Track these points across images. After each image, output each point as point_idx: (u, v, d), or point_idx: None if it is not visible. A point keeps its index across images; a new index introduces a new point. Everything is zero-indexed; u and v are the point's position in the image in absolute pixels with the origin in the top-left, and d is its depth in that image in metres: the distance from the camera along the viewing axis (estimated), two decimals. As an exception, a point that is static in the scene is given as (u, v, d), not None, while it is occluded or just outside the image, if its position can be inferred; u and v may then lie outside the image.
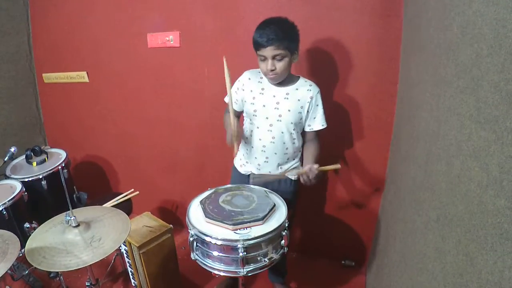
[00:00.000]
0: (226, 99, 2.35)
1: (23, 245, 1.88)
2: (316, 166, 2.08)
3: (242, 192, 2.11)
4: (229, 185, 2.21)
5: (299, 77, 2.28)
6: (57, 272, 2.66)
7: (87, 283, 2.23)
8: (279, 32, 2.01)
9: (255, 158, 2.34)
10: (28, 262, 1.73)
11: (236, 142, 2.16)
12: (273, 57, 2.05)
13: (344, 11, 2.48)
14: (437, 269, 1.18)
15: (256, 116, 2.25)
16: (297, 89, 2.22)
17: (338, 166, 2.18)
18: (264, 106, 2.22)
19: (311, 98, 2.22)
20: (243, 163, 2.46)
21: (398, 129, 2.39)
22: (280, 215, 1.90)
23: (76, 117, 3.98)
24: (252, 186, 2.19)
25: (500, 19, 0.86)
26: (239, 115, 2.42)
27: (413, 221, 1.59)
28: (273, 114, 2.21)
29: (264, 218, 1.82)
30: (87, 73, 3.66)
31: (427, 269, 1.29)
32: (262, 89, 2.24)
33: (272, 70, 2.08)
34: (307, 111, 2.25)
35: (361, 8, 2.43)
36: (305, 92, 2.22)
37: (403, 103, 2.24)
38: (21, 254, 1.99)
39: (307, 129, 2.32)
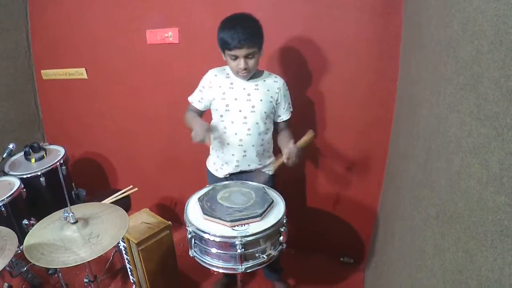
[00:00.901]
0: (190, 98, 2.47)
1: (21, 242, 1.88)
2: (291, 141, 2.11)
3: (240, 188, 2.10)
4: (227, 182, 2.21)
5: (263, 71, 2.33)
6: (56, 268, 2.66)
7: (85, 280, 2.22)
8: (250, 32, 2.04)
9: (232, 155, 2.34)
10: (27, 259, 1.72)
11: (207, 135, 2.14)
12: (246, 56, 2.07)
13: (344, 9, 2.47)
14: (436, 266, 1.18)
15: (229, 110, 2.26)
16: (264, 80, 2.28)
17: (312, 133, 2.18)
18: (236, 99, 2.24)
19: (279, 89, 2.29)
20: (218, 167, 2.46)
21: (397, 127, 2.39)
22: (278, 211, 1.90)
23: (75, 114, 3.97)
24: (250, 182, 2.19)
25: (501, 16, 0.85)
26: (201, 115, 2.44)
27: (412, 218, 1.58)
28: (246, 106, 2.23)
29: (262, 215, 1.81)
30: (85, 69, 3.65)
31: (426, 266, 1.29)
32: (231, 83, 2.26)
33: (245, 69, 2.11)
34: (277, 102, 2.31)
35: (361, 6, 2.43)
36: (272, 83, 2.28)
37: (403, 100, 2.24)
38: (19, 251, 1.99)
39: (278, 120, 2.37)
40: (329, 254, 3.25)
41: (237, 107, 2.23)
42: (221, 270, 1.81)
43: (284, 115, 2.36)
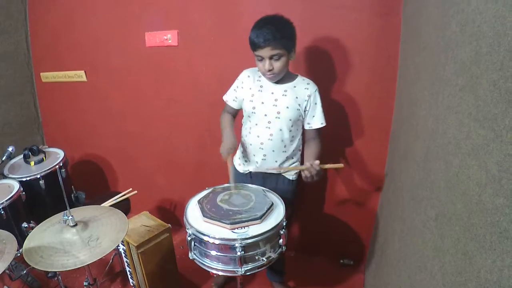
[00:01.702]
0: (225, 97, 2.43)
1: (21, 245, 1.88)
2: (317, 162, 2.05)
3: (240, 191, 2.10)
4: (227, 184, 2.20)
5: (297, 75, 2.29)
6: (55, 271, 2.66)
7: (85, 283, 2.22)
8: (275, 32, 2.00)
9: (253, 155, 2.34)
10: (26, 262, 1.72)
11: (230, 155, 2.19)
12: (271, 57, 2.05)
13: (343, 9, 2.47)
14: (436, 267, 1.18)
15: (254, 113, 2.25)
16: (295, 86, 2.23)
17: (341, 165, 2.18)
18: (262, 103, 2.22)
19: (309, 96, 2.22)
20: (241, 162, 2.46)
21: (396, 127, 2.39)
22: (278, 214, 1.90)
23: (74, 116, 3.97)
24: (250, 185, 2.19)
25: (499, 17, 0.85)
26: (236, 114, 2.46)
27: (412, 220, 1.58)
28: (271, 111, 2.21)
29: (262, 217, 1.81)
30: (85, 72, 3.65)
31: (426, 267, 1.28)
32: (261, 86, 2.25)
33: (270, 70, 2.09)
34: (305, 109, 2.26)
35: (360, 6, 2.43)
36: (302, 90, 2.23)
37: (402, 101, 2.24)
38: (19, 254, 1.98)
39: (306, 127, 2.32)
40: (329, 256, 3.25)
41: (263, 111, 2.23)
42: (220, 273, 1.80)
43: (313, 123, 2.29)
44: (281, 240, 1.83)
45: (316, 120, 2.29)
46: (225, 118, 2.41)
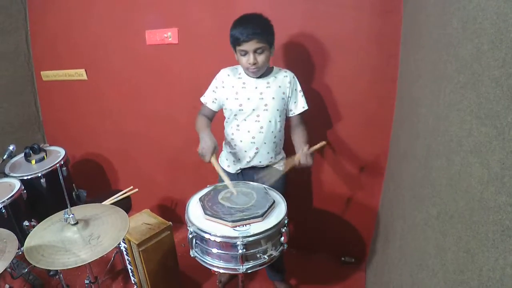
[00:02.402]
0: (203, 99, 2.44)
1: (22, 243, 1.88)
2: (307, 147, 2.15)
3: (242, 189, 2.10)
4: (224, 183, 2.20)
5: (273, 67, 2.35)
6: (57, 270, 2.66)
7: (86, 281, 2.22)
8: (259, 27, 2.09)
9: (245, 151, 2.36)
10: (27, 260, 1.72)
11: (214, 157, 2.16)
12: (255, 51, 2.10)
13: (343, 8, 2.47)
14: (437, 266, 1.18)
15: (242, 110, 2.27)
16: (275, 77, 2.30)
17: (324, 143, 2.22)
18: (248, 99, 2.25)
19: (289, 83, 2.30)
20: (230, 163, 2.48)
21: (397, 126, 2.39)
22: (280, 211, 1.89)
23: (75, 115, 3.97)
24: (251, 182, 2.19)
25: (501, 14, 0.85)
26: (213, 116, 2.45)
27: (413, 218, 1.58)
28: (259, 104, 2.25)
29: (263, 215, 1.81)
30: (85, 70, 3.65)
31: (428, 265, 1.28)
32: (243, 83, 2.28)
33: (254, 64, 2.13)
34: (289, 97, 2.33)
35: (360, 4, 2.43)
36: (282, 78, 2.30)
37: (403, 99, 2.23)
38: (20, 252, 1.98)
39: (290, 114, 2.38)
40: (330, 254, 3.25)
41: (250, 106, 2.25)
42: (222, 271, 1.80)
43: (296, 109, 2.36)
44: (282, 238, 1.83)
45: (299, 105, 2.37)
46: (201, 120, 2.38)
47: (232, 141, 2.39)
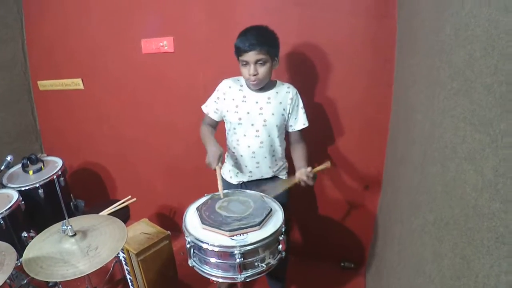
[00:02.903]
0: (205, 109, 2.43)
1: (21, 254, 1.88)
2: (309, 169, 2.13)
3: (239, 197, 2.10)
4: (225, 191, 2.20)
5: (276, 81, 2.32)
6: (56, 281, 2.65)
7: (85, 292, 2.22)
8: (261, 38, 2.08)
9: (245, 166, 2.36)
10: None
11: (218, 165, 2.15)
12: (256, 62, 2.09)
13: (338, 13, 2.48)
14: (434, 271, 1.18)
15: (241, 124, 2.26)
16: (277, 92, 2.27)
17: (328, 164, 2.20)
18: (248, 113, 2.24)
19: (291, 99, 2.28)
20: (232, 174, 2.47)
21: (394, 131, 2.39)
22: (277, 220, 1.89)
23: (73, 124, 3.97)
24: (248, 191, 2.19)
25: (493, 20, 0.85)
26: (216, 125, 2.45)
27: (411, 223, 1.58)
28: (258, 119, 2.23)
29: (260, 224, 1.81)
30: (82, 80, 3.65)
31: (425, 271, 1.28)
32: (244, 96, 2.26)
33: (254, 75, 2.11)
34: (289, 113, 2.30)
35: (355, 9, 2.44)
36: (284, 94, 2.27)
37: (399, 105, 2.24)
38: (19, 264, 1.98)
39: (290, 130, 2.36)
40: (329, 259, 3.24)
41: (250, 121, 2.24)
42: (220, 280, 1.80)
43: (296, 125, 2.34)
44: (280, 246, 1.83)
45: (299, 122, 2.34)
46: (206, 129, 2.39)
47: (233, 155, 2.39)
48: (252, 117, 2.23)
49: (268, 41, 2.10)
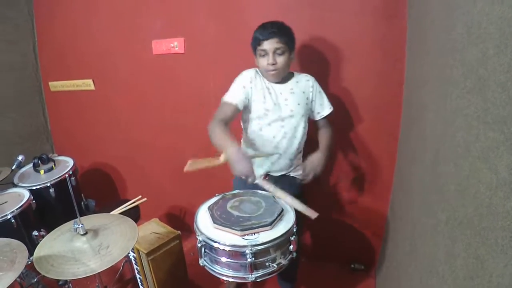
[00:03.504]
0: (229, 99, 2.22)
1: (31, 253, 1.89)
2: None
3: (250, 197, 2.09)
4: (236, 191, 2.20)
5: (293, 72, 2.33)
6: (66, 279, 2.66)
7: (96, 291, 2.23)
8: (280, 27, 2.11)
9: (267, 158, 2.33)
10: (37, 270, 1.73)
11: (260, 177, 2.03)
12: (274, 51, 2.10)
13: (348, 13, 2.48)
14: (447, 272, 1.17)
15: (267, 115, 2.24)
16: (297, 82, 2.29)
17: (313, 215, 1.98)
18: (275, 104, 2.23)
19: (312, 87, 2.31)
20: (261, 169, 2.40)
21: (405, 131, 2.38)
22: (288, 220, 1.88)
23: (83, 125, 4.00)
24: (259, 191, 2.17)
25: (506, 18, 0.85)
26: (232, 120, 2.21)
27: (423, 224, 1.57)
28: (284, 110, 2.23)
29: (272, 223, 1.80)
30: (93, 81, 3.68)
31: (438, 272, 1.27)
32: (268, 88, 2.25)
33: (273, 64, 2.12)
34: (313, 100, 2.33)
35: (365, 9, 2.43)
36: (305, 82, 2.30)
37: (410, 104, 2.23)
38: (29, 262, 1.99)
39: (317, 117, 2.39)
40: (339, 261, 3.23)
41: (277, 112, 2.23)
42: (231, 279, 1.79)
43: (323, 111, 2.37)
44: (291, 246, 1.82)
45: (325, 107, 2.38)
46: (220, 129, 2.07)
47: (252, 144, 2.34)
48: (279, 108, 2.23)
49: (287, 32, 2.13)
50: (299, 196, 2.12)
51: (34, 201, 2.76)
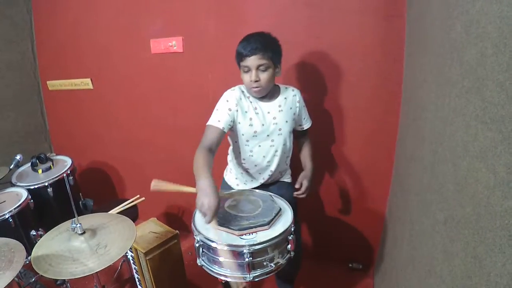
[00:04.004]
0: (214, 123, 2.12)
1: (29, 253, 1.89)
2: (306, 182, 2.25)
3: (248, 197, 2.09)
4: (234, 190, 2.19)
5: (278, 86, 2.26)
6: (64, 279, 2.66)
7: (93, 290, 2.23)
8: (262, 42, 2.01)
9: (259, 174, 2.33)
10: (35, 270, 1.73)
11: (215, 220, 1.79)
12: (257, 67, 2.02)
13: (347, 13, 2.47)
14: (445, 271, 1.17)
15: (256, 136, 2.20)
16: (285, 98, 2.22)
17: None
18: (263, 125, 2.17)
19: (298, 101, 2.29)
20: (240, 182, 2.42)
21: (403, 130, 2.38)
22: (286, 219, 1.88)
23: (81, 124, 3.99)
24: (257, 190, 2.17)
25: (504, 17, 0.85)
26: (218, 145, 2.12)
27: (421, 223, 1.57)
28: (273, 130, 2.19)
29: (270, 223, 1.80)
30: (91, 80, 3.67)
31: (436, 271, 1.27)
32: (255, 108, 2.17)
33: (256, 81, 2.04)
34: (299, 114, 2.32)
35: (364, 9, 2.43)
36: (292, 98, 2.25)
37: (408, 104, 2.23)
38: (27, 262, 1.99)
39: (298, 129, 2.40)
40: (337, 260, 3.23)
41: (265, 132, 2.19)
42: (229, 279, 1.79)
43: (305, 124, 2.40)
44: (289, 246, 1.82)
45: (308, 120, 2.42)
46: (203, 158, 2.05)
47: (242, 165, 2.34)
48: (267, 128, 2.18)
49: (270, 46, 2.04)
50: (294, 201, 2.20)
51: (32, 201, 2.76)
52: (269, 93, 2.17)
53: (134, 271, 2.73)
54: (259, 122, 2.16)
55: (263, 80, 2.04)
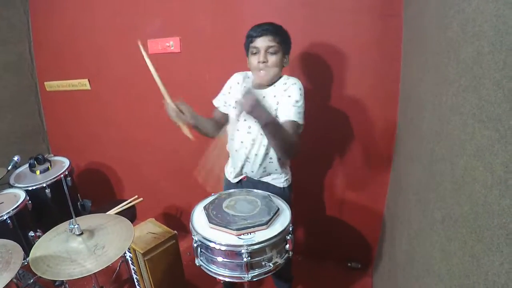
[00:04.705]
0: (216, 103, 2.38)
1: (27, 254, 1.88)
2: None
3: (246, 196, 2.09)
4: (232, 190, 2.19)
5: (281, 76, 2.17)
6: (62, 280, 2.66)
7: (92, 291, 2.22)
8: (274, 26, 2.02)
9: (240, 162, 2.27)
10: (33, 271, 1.73)
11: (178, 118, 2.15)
12: (266, 49, 2.01)
13: (344, 12, 2.47)
14: (443, 270, 1.17)
15: (237, 120, 2.21)
16: (274, 86, 2.13)
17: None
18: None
19: (285, 90, 2.08)
20: (231, 170, 2.41)
21: (401, 129, 2.38)
22: (284, 219, 1.88)
23: (79, 125, 3.99)
24: (255, 190, 2.17)
25: (500, 16, 0.85)
26: (225, 120, 2.35)
27: (419, 222, 1.57)
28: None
29: (268, 223, 1.80)
30: (88, 80, 3.67)
31: (434, 270, 1.27)
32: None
33: (263, 62, 2.01)
34: (278, 103, 2.10)
35: (361, 8, 2.43)
36: (281, 85, 2.11)
37: (406, 103, 2.23)
38: (26, 263, 1.99)
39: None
40: (336, 259, 3.24)
41: (242, 116, 2.14)
42: (227, 279, 1.79)
43: (281, 117, 2.02)
44: (287, 246, 1.82)
45: (284, 112, 2.03)
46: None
47: (229, 150, 2.36)
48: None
49: (281, 32, 2.04)
50: (287, 202, 2.06)
51: (30, 202, 2.75)
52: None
53: (133, 271, 2.73)
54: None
55: (270, 62, 2.03)
